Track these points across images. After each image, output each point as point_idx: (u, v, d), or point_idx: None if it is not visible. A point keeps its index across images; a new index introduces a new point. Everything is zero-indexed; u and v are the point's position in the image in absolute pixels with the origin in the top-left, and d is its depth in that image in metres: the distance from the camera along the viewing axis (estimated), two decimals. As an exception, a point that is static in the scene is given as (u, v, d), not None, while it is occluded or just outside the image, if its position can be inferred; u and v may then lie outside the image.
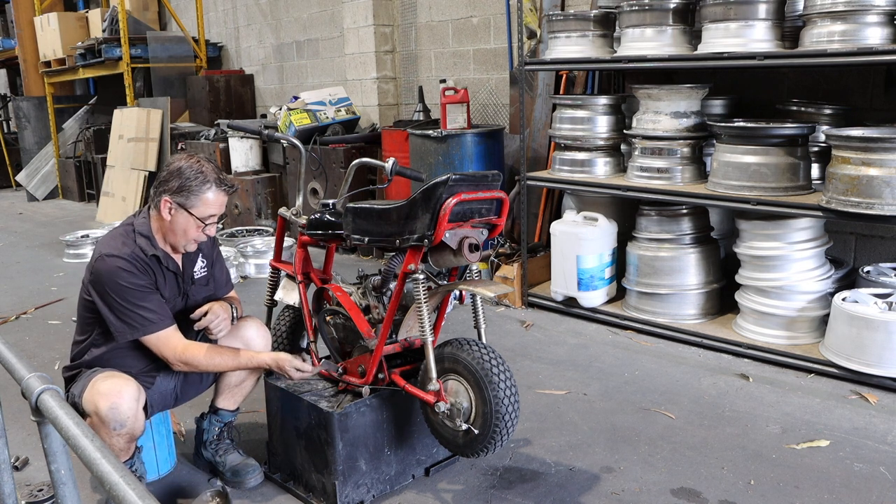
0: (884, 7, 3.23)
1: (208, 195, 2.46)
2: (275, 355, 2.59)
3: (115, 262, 2.40)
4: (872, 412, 3.15)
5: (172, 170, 2.47)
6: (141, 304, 2.41)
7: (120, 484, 1.08)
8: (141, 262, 2.44)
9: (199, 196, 2.45)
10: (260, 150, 7.12)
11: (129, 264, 2.41)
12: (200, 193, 2.45)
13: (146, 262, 2.46)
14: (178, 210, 2.46)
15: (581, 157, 4.42)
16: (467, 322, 4.12)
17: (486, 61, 6.12)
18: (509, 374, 2.33)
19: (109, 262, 2.40)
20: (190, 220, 2.47)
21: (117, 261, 2.40)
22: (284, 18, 8.14)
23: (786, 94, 4.24)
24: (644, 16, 3.94)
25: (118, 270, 2.39)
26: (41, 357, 4.14)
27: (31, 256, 6.80)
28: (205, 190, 2.45)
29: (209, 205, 2.47)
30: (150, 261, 2.48)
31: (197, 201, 2.45)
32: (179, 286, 2.60)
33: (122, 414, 2.31)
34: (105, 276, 2.40)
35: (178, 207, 2.45)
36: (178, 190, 2.44)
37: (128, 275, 2.40)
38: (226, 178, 2.54)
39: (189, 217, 2.46)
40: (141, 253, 2.45)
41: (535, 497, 2.61)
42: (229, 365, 2.56)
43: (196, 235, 2.51)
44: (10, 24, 11.52)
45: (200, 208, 2.46)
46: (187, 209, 2.45)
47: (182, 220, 2.47)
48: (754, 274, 3.75)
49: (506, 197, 2.43)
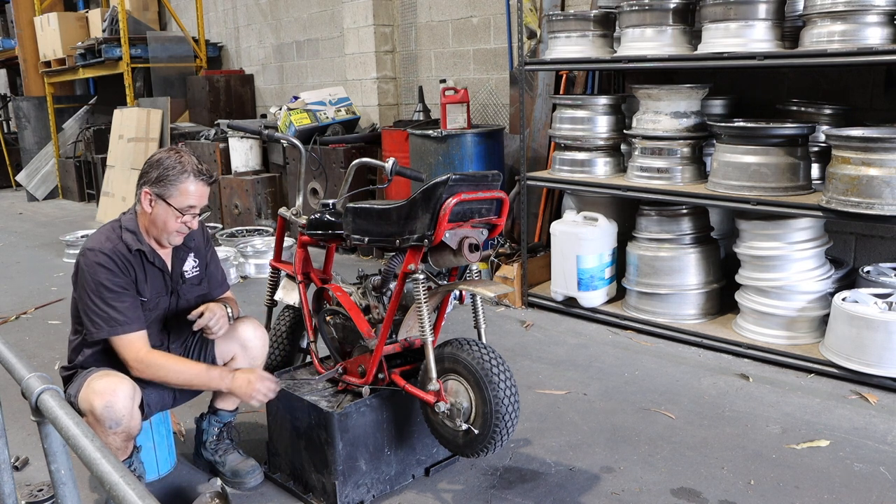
0: (884, 7, 3.23)
1: (187, 185, 2.45)
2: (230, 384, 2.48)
3: (95, 258, 2.39)
4: (872, 412, 3.15)
5: (152, 161, 2.47)
6: (112, 304, 2.39)
7: (120, 484, 1.08)
8: (122, 259, 2.43)
9: (177, 186, 2.44)
10: (260, 150, 7.12)
11: (109, 260, 2.40)
12: (178, 183, 2.44)
13: (127, 258, 2.44)
14: (157, 201, 2.45)
15: (581, 157, 4.42)
16: (467, 322, 4.12)
17: (486, 61, 6.12)
18: (509, 374, 2.33)
19: (90, 256, 2.40)
20: (169, 211, 2.45)
21: (98, 255, 2.40)
22: (284, 18, 8.14)
23: (786, 94, 4.24)
24: (644, 16, 3.94)
25: (97, 267, 2.39)
26: (41, 357, 4.14)
27: (31, 256, 6.80)
28: (182, 180, 2.44)
29: (188, 195, 2.46)
30: (134, 256, 2.46)
31: (175, 191, 2.44)
32: (167, 283, 2.58)
33: (118, 412, 2.31)
34: (84, 271, 2.40)
35: (156, 198, 2.45)
36: (156, 180, 2.44)
37: (105, 272, 2.39)
38: (205, 169, 2.52)
39: (168, 208, 2.45)
40: (125, 248, 2.44)
41: (535, 497, 2.61)
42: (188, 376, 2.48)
43: (177, 227, 2.48)
44: (10, 24, 11.52)
45: (179, 198, 2.45)
46: (165, 199, 2.44)
47: (161, 211, 2.46)
48: (754, 274, 3.75)
49: (506, 197, 2.43)
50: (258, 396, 2.49)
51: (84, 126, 9.93)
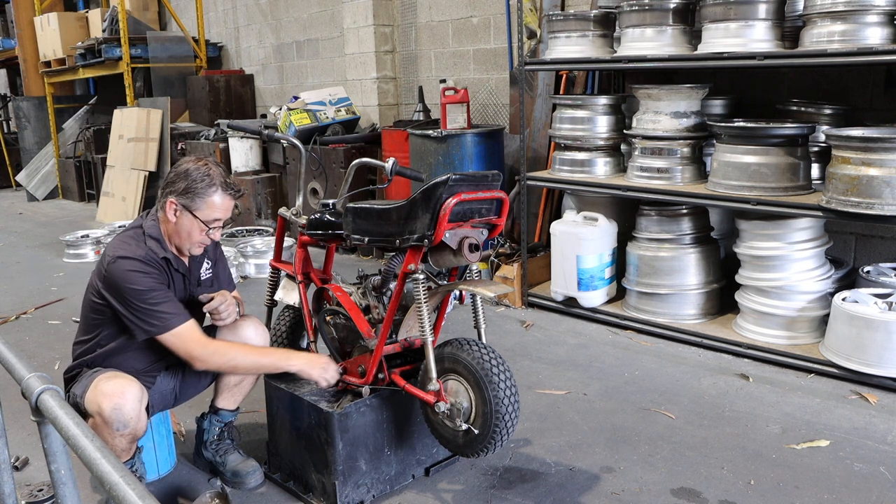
0: (884, 7, 3.23)
1: (214, 198, 2.46)
2: (303, 363, 2.53)
3: (129, 265, 2.39)
4: (872, 412, 3.15)
5: (180, 171, 2.47)
6: (159, 303, 2.40)
7: (120, 484, 1.08)
8: (154, 263, 2.44)
9: (205, 199, 2.44)
10: (260, 150, 7.12)
11: (144, 265, 2.41)
12: (206, 196, 2.44)
13: (158, 262, 2.46)
14: (183, 212, 2.46)
15: (581, 157, 4.42)
16: (467, 322, 4.11)
17: (486, 61, 6.12)
18: (509, 374, 2.33)
19: (124, 264, 2.39)
20: (194, 223, 2.46)
21: (132, 262, 2.39)
22: (284, 18, 8.14)
23: (786, 94, 4.24)
24: (644, 16, 3.94)
25: (133, 273, 2.38)
26: (41, 357, 4.14)
27: (31, 256, 6.80)
28: (210, 193, 2.45)
29: (214, 208, 2.47)
30: (162, 262, 2.48)
31: (202, 204, 2.45)
32: (186, 288, 2.60)
33: (126, 414, 2.31)
34: (120, 279, 2.38)
35: (182, 209, 2.45)
36: (183, 192, 2.44)
37: (143, 276, 2.39)
38: (232, 183, 2.53)
39: (193, 220, 2.46)
40: (153, 254, 2.46)
41: (535, 497, 2.61)
42: (254, 358, 2.53)
43: (200, 239, 2.50)
44: (10, 24, 11.52)
45: (205, 211, 2.46)
46: (192, 211, 2.45)
47: (187, 222, 2.46)
48: (754, 274, 3.75)
49: (506, 197, 2.43)
50: (326, 376, 2.51)
51: (84, 126, 9.94)
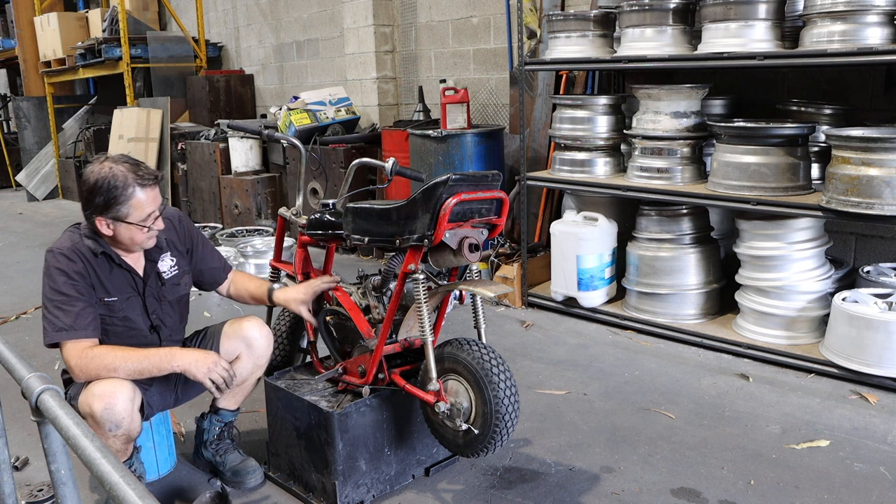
0: (884, 7, 3.23)
1: (137, 198, 2.36)
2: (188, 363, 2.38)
3: (54, 261, 2.37)
4: (872, 412, 3.15)
5: (89, 187, 2.35)
6: (62, 308, 2.33)
7: (120, 484, 1.08)
8: (81, 258, 2.38)
9: (128, 203, 2.35)
10: (260, 150, 7.12)
11: (67, 262, 2.36)
12: (128, 200, 2.35)
13: (87, 259, 2.39)
14: (115, 223, 2.38)
15: (581, 157, 4.42)
16: (467, 322, 4.11)
17: (486, 61, 6.12)
18: (509, 374, 2.33)
19: (49, 258, 2.38)
20: (131, 228, 2.39)
21: (57, 258, 2.37)
22: (284, 18, 8.14)
23: (786, 94, 4.24)
24: (644, 16, 3.94)
25: (54, 270, 2.36)
26: (41, 357, 4.14)
27: (31, 256, 6.79)
28: (129, 195, 2.35)
29: (142, 206, 2.38)
30: (99, 258, 2.42)
31: (129, 208, 2.36)
32: (136, 284, 2.52)
33: (117, 415, 2.30)
34: (44, 272, 2.38)
35: (113, 221, 2.38)
36: (104, 207, 2.35)
37: (60, 275, 2.35)
38: (146, 172, 2.41)
39: (129, 226, 2.39)
40: (87, 250, 2.40)
41: (535, 497, 2.61)
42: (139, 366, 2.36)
43: (145, 237, 2.44)
44: (10, 24, 11.51)
45: (135, 213, 2.38)
46: (123, 220, 2.38)
47: (123, 230, 2.40)
48: (754, 274, 3.75)
49: (506, 197, 2.43)
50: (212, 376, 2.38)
51: (84, 126, 9.93)
